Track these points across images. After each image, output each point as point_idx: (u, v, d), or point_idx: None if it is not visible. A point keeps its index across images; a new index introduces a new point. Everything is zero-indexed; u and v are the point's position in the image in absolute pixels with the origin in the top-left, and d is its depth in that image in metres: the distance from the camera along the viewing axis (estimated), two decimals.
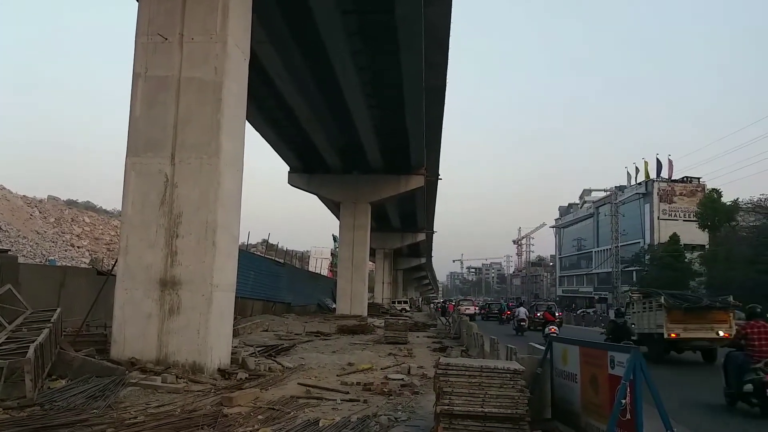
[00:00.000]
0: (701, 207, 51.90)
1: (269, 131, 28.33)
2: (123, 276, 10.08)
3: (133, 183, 10.27)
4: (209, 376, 9.44)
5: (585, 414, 5.72)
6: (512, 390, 5.70)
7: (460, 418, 5.68)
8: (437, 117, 25.95)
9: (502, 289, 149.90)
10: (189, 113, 10.27)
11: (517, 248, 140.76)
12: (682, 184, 65.27)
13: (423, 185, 33.80)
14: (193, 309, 9.73)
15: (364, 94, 22.24)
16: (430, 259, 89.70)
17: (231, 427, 6.43)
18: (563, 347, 6.50)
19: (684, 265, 48.93)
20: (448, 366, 5.94)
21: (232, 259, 10.88)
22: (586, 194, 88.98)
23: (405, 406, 8.04)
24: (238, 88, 11.03)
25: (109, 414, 6.83)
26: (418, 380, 10.36)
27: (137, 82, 10.46)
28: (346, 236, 33.96)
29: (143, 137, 10.33)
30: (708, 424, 8.17)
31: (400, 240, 57.11)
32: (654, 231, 62.85)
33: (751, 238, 42.83)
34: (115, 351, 9.78)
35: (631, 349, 4.94)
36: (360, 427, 6.60)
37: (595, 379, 5.54)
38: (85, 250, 61.65)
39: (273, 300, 29.31)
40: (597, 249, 76.56)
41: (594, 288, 75.41)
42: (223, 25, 10.35)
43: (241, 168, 11.17)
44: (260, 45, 16.76)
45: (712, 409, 9.14)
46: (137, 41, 10.57)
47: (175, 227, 10.00)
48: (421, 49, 18.13)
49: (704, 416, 8.71)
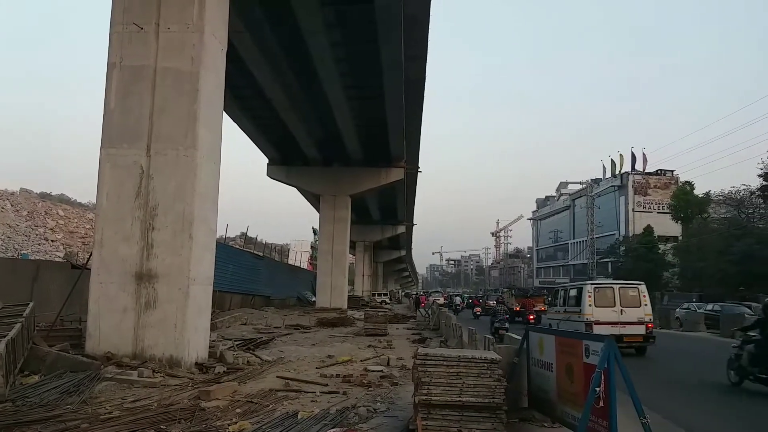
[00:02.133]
0: (674, 199, 52.89)
1: (247, 123, 28.07)
2: (98, 269, 9.94)
3: (108, 175, 10.12)
4: (187, 370, 9.37)
5: (561, 402, 5.79)
6: (489, 379, 5.76)
7: (439, 408, 5.72)
8: (417, 109, 25.94)
9: (480, 281, 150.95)
10: (165, 104, 10.14)
11: (496, 240, 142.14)
12: (656, 177, 66.37)
13: (403, 178, 33.80)
14: (169, 302, 9.65)
15: (344, 86, 22.14)
16: (409, 251, 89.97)
17: (209, 421, 6.39)
18: (539, 337, 6.57)
19: (658, 256, 49.81)
20: (426, 356, 5.97)
21: (210, 252, 10.79)
22: (562, 187, 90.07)
23: (384, 397, 8.08)
24: (216, 79, 10.91)
25: (84, 409, 6.74)
26: (397, 371, 10.42)
27: (112, 72, 10.29)
28: (326, 229, 33.87)
29: (118, 128, 10.18)
30: (683, 409, 8.35)
31: (381, 233, 57.15)
32: (629, 223, 63.90)
33: (721, 230, 43.72)
34: (90, 345, 9.65)
35: (605, 339, 5.01)
36: (339, 418, 6.61)
37: (570, 368, 5.61)
38: (60, 244, 60.51)
39: (252, 293, 29.16)
40: (573, 241, 77.58)
41: (570, 279, 76.25)
42: (200, 15, 10.22)
43: (218, 159, 11.06)
44: (238, 35, 16.56)
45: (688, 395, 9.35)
46: (112, 30, 10.38)
47: (151, 220, 9.88)
48: (401, 42, 18.10)
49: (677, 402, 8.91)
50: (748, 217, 45.11)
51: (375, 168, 32.82)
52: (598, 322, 15.06)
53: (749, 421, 8.11)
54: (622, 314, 15.25)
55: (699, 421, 7.91)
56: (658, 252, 50.27)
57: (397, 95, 22.47)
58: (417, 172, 37.65)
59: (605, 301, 15.50)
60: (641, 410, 4.72)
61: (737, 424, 8.03)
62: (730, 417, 8.33)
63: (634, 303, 15.50)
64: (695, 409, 8.75)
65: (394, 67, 19.99)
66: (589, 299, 15.58)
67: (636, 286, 16.08)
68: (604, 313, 15.31)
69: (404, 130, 27.45)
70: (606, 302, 15.48)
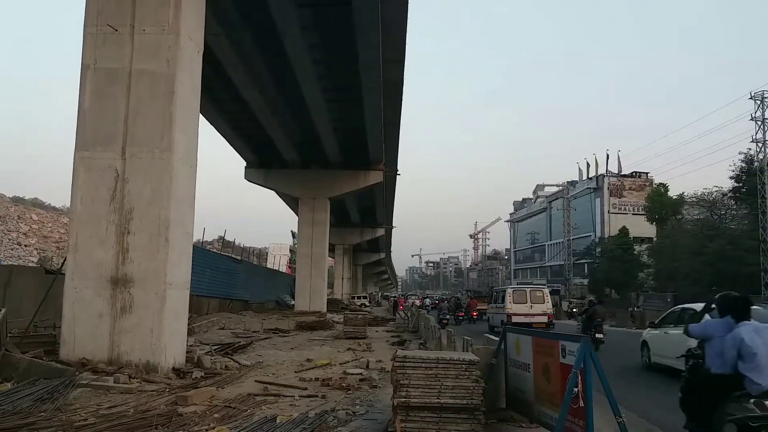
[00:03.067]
0: (649, 201, 53.72)
1: (224, 125, 27.84)
2: (72, 274, 9.77)
3: (82, 178, 9.96)
4: (164, 376, 9.26)
5: (538, 402, 5.86)
6: (467, 381, 5.79)
7: (417, 410, 5.74)
8: (395, 112, 26.01)
9: (459, 283, 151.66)
10: (140, 106, 10.02)
11: (474, 242, 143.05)
12: (631, 179, 67.34)
13: (382, 180, 33.81)
14: (146, 307, 9.53)
15: (322, 89, 22.11)
16: (389, 254, 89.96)
17: (186, 426, 6.33)
18: (516, 337, 6.64)
19: (633, 257, 50.56)
20: (405, 359, 5.99)
21: (187, 256, 10.68)
22: (539, 189, 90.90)
23: (363, 399, 8.08)
24: (192, 81, 10.82)
25: (58, 416, 6.63)
26: (376, 374, 10.42)
27: (86, 74, 10.13)
28: (305, 232, 33.70)
29: (92, 131, 10.03)
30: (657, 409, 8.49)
31: (360, 235, 57.09)
32: (604, 224, 64.74)
33: (695, 231, 44.53)
34: (64, 352, 9.49)
35: (581, 339, 5.08)
36: (318, 422, 6.60)
37: (547, 368, 5.68)
38: (33, 249, 59.40)
39: (230, 297, 28.91)
40: (550, 242, 78.37)
41: (547, 280, 77.11)
42: (175, 17, 10.12)
43: (194, 162, 10.96)
44: (215, 37, 16.46)
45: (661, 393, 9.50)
46: (86, 31, 10.22)
47: (127, 224, 9.75)
48: (378, 45, 18.14)
49: (653, 401, 9.05)
50: (720, 218, 46.05)
51: (354, 171, 32.77)
52: (515, 314, 20.87)
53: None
54: (532, 308, 21.33)
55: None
56: (634, 253, 51.05)
57: (376, 98, 22.51)
58: (396, 175, 37.77)
59: (520, 300, 21.69)
60: (617, 409, 4.80)
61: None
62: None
63: (540, 301, 21.75)
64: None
65: (372, 70, 20.02)
66: (510, 298, 21.77)
67: (541, 289, 22.86)
68: (519, 308, 21.32)
69: (383, 133, 27.49)
70: (521, 300, 21.69)
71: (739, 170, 39.92)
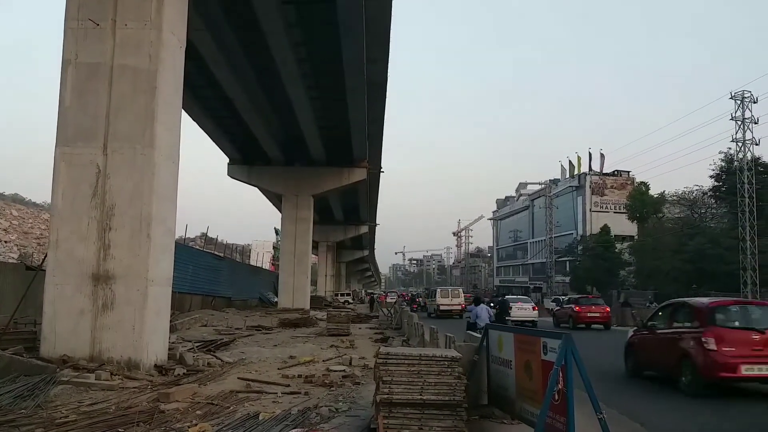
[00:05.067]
0: (630, 199, 54.30)
1: (207, 122, 27.65)
2: (53, 271, 9.68)
3: (64, 174, 9.86)
4: (145, 373, 9.21)
5: (520, 399, 5.91)
6: (450, 377, 5.84)
7: (400, 406, 5.78)
8: (379, 110, 26.01)
9: (442, 280, 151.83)
10: (122, 102, 9.94)
11: (457, 240, 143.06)
12: (612, 178, 67.93)
13: (365, 178, 33.86)
14: (127, 304, 9.46)
15: (306, 86, 22.05)
16: (372, 251, 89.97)
17: (168, 423, 6.31)
18: (498, 334, 6.69)
19: (614, 255, 51.09)
20: (387, 355, 6.02)
21: (169, 252, 10.62)
22: (522, 187, 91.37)
23: (346, 396, 8.10)
24: (174, 77, 10.74)
25: (39, 414, 6.58)
26: (359, 371, 10.45)
27: (67, 70, 10.02)
28: (288, 229, 33.62)
29: (73, 127, 9.92)
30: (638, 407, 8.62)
31: (343, 233, 57.04)
32: (586, 222, 65.26)
33: (675, 229, 45.13)
34: (45, 349, 9.39)
35: (562, 335, 5.13)
36: (300, 419, 6.62)
37: (529, 365, 5.73)
38: (14, 245, 58.36)
39: (212, 294, 28.75)
40: (532, 240, 78.84)
41: (530, 278, 77.71)
42: (158, 12, 10.04)
43: (177, 159, 10.89)
44: (198, 33, 16.32)
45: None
46: (66, 26, 10.10)
47: (108, 220, 9.67)
48: (363, 43, 18.12)
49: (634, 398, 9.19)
50: (700, 216, 46.74)
51: (338, 168, 32.78)
52: (442, 304, 35.13)
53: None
54: (452, 301, 35.59)
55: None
56: (615, 251, 51.57)
57: (360, 96, 22.50)
58: (380, 173, 37.79)
59: (445, 296, 36.52)
60: (598, 406, 4.85)
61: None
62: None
63: (457, 296, 36.54)
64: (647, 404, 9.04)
65: (356, 68, 20.01)
66: (438, 294, 37.08)
67: (458, 288, 41.97)
68: (444, 301, 35.57)
69: (366, 131, 27.49)
70: (445, 296, 36.52)
71: (720, 169, 40.43)
